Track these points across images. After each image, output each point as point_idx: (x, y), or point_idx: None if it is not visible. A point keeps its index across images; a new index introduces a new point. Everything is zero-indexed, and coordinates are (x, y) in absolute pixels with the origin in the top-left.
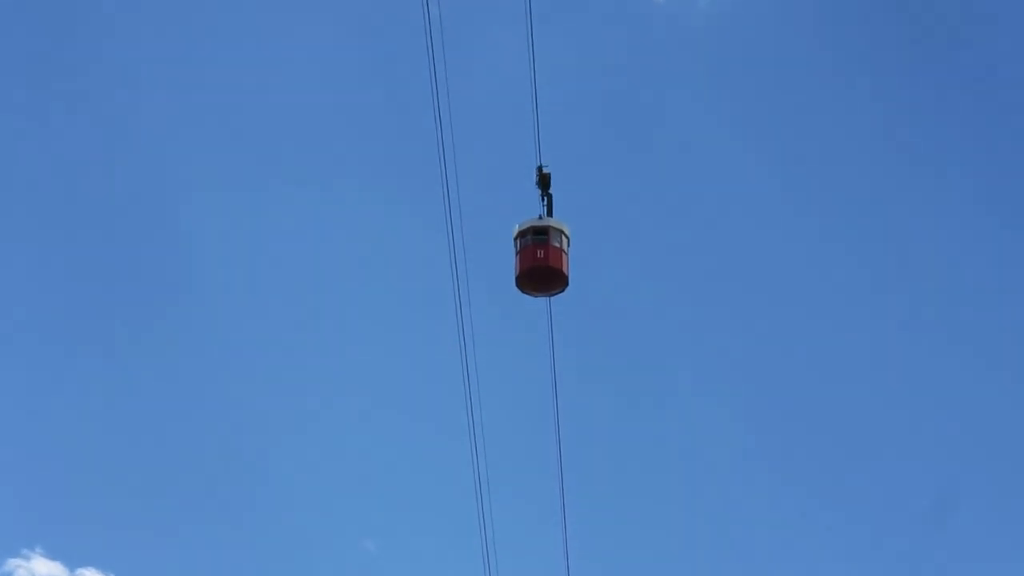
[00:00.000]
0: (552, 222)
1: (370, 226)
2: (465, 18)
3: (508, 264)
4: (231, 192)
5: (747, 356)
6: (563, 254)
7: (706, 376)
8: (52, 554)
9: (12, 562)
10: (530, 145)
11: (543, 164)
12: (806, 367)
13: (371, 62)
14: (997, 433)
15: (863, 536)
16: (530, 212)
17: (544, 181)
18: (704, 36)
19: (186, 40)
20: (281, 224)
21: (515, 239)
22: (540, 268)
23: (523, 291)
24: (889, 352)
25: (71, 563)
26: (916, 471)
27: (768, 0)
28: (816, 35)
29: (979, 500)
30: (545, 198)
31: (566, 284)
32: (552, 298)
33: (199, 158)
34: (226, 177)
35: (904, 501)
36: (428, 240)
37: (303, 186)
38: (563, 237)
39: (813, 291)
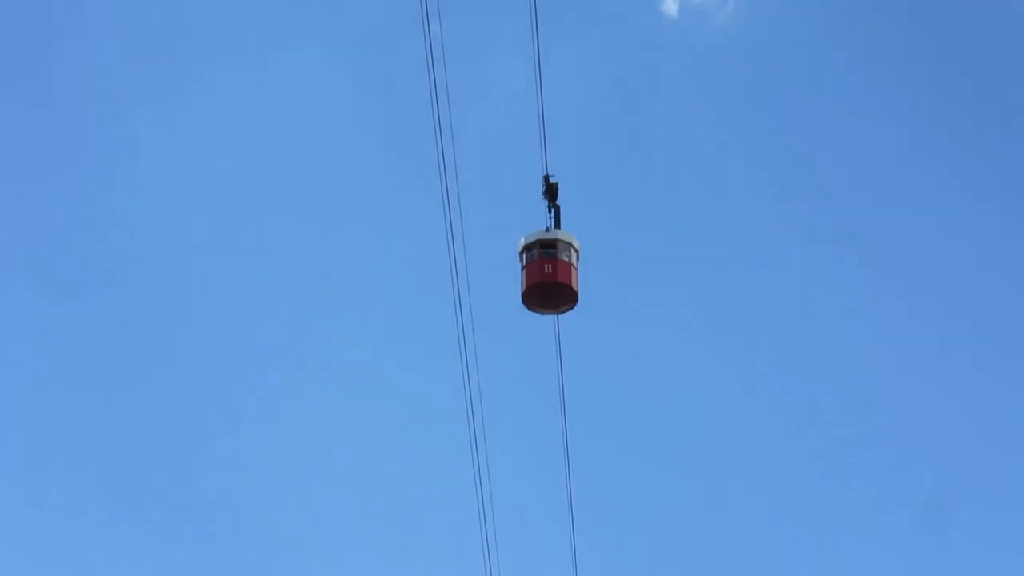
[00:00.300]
0: (560, 234)
1: (369, 236)
2: (467, 36)
3: (512, 279)
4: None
5: (765, 378)
6: (572, 268)
7: (726, 398)
8: None
9: None
10: (536, 163)
11: (550, 174)
12: (806, 367)
13: (371, 88)
14: (997, 430)
15: (862, 534)
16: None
17: (551, 192)
18: (719, 53)
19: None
20: (279, 246)
21: (520, 253)
22: (548, 283)
23: (529, 308)
24: (889, 348)
25: None
26: (915, 468)
27: (786, 16)
28: (836, 54)
29: (978, 499)
30: (552, 210)
31: (575, 301)
32: (560, 316)
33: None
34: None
35: (902, 499)
36: (429, 254)
37: (302, 217)
38: (572, 250)
39: (829, 311)
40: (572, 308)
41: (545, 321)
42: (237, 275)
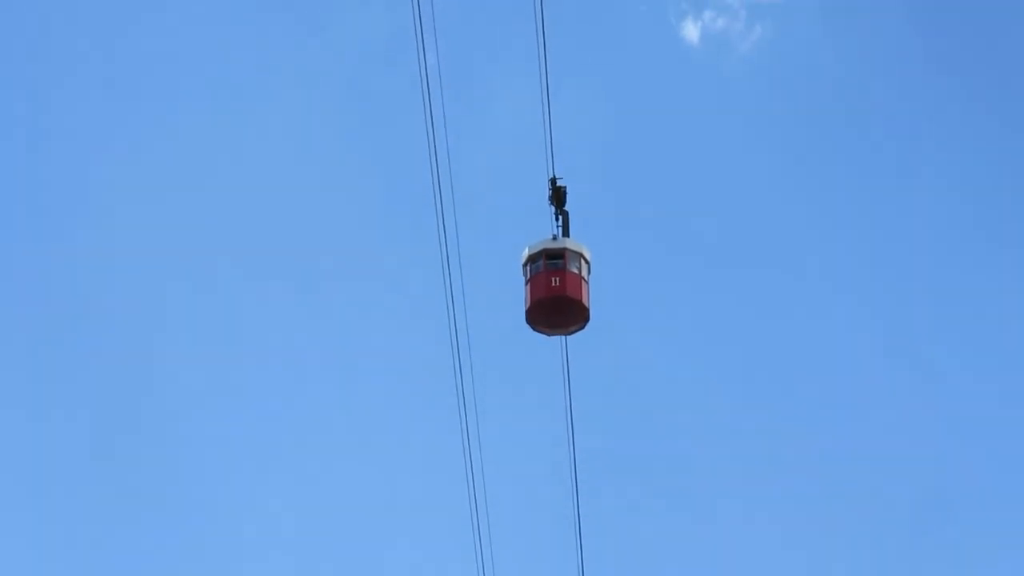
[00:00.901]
0: (569, 243)
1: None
2: (468, 65)
3: (512, 301)
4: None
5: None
6: (583, 282)
7: (727, 397)
8: None
9: None
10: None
11: (557, 176)
12: (800, 368)
13: (365, 125)
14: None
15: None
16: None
17: (558, 196)
18: (742, 84)
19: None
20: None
21: (524, 265)
22: (555, 299)
23: (534, 327)
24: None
25: None
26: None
27: (813, 45)
28: (864, 85)
29: (977, 495)
30: (560, 216)
31: (586, 318)
32: (569, 336)
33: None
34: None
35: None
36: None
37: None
38: (582, 262)
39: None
40: (582, 328)
41: (552, 343)
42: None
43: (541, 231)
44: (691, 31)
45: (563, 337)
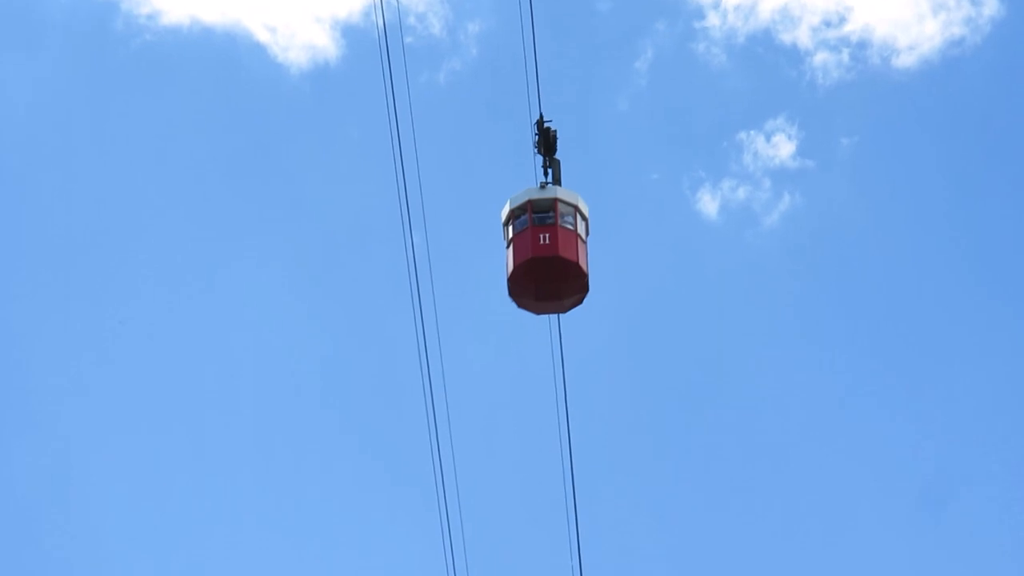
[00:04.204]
0: (561, 192)
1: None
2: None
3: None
4: None
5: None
6: (579, 240)
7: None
8: None
9: None
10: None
11: (545, 118)
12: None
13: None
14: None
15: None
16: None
17: (547, 141)
18: (767, 263)
19: None
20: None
21: (505, 224)
22: (544, 260)
23: (518, 302)
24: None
25: None
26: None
27: (848, 214)
28: (915, 253)
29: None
30: (550, 167)
31: (584, 287)
32: (564, 313)
33: None
34: None
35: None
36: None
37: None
38: (578, 216)
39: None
40: (579, 301)
41: (540, 322)
42: None
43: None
44: (707, 203)
45: (555, 318)
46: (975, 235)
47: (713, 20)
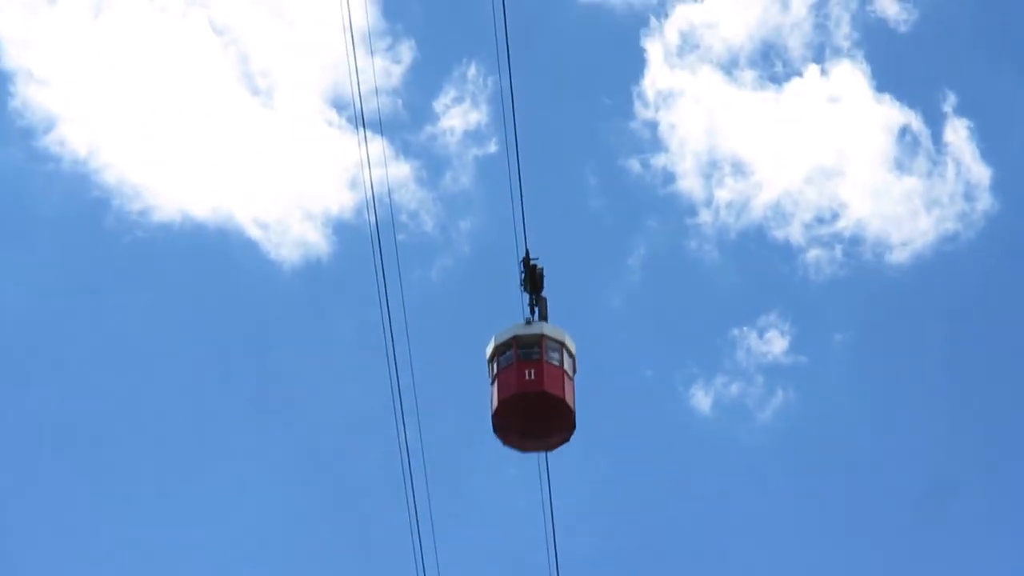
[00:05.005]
0: (548, 328)
1: None
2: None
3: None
4: None
5: None
6: (565, 377)
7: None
8: None
9: None
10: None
11: (531, 255)
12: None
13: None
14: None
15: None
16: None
17: (533, 279)
18: (761, 459)
19: None
20: None
21: (490, 361)
22: (530, 396)
23: (503, 439)
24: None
25: None
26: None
27: (841, 410)
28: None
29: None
30: (536, 305)
31: (571, 426)
32: (550, 451)
33: None
34: None
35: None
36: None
37: None
38: (564, 352)
39: None
40: (566, 439)
41: (528, 460)
42: None
43: None
44: (701, 399)
45: (541, 455)
46: (971, 430)
47: (705, 217)
